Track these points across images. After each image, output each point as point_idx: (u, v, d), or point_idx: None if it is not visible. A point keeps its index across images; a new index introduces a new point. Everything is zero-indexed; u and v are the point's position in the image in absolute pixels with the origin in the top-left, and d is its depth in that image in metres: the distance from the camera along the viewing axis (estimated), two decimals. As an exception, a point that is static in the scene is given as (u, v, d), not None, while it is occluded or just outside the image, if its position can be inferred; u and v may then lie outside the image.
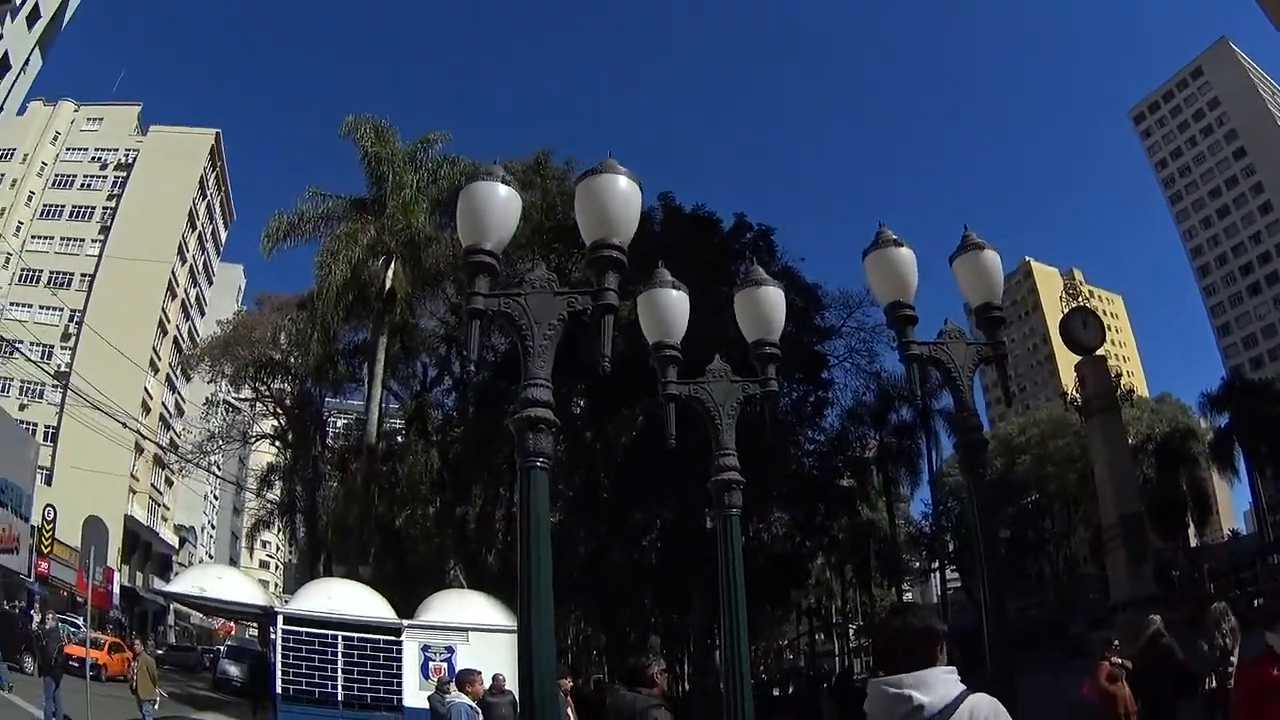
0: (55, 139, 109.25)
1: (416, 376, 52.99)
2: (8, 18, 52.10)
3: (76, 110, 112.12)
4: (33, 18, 56.97)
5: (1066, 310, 34.44)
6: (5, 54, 54.67)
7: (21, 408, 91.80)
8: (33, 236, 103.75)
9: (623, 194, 7.38)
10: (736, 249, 40.99)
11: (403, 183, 40.58)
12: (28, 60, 58.82)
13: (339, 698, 22.60)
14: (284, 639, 23.28)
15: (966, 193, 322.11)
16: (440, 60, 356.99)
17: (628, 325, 12.51)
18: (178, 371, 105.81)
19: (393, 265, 40.18)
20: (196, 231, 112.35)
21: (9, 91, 57.49)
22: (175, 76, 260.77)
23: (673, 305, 9.46)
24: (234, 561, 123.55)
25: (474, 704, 14.13)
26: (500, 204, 7.24)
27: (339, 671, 22.81)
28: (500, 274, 7.27)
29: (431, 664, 22.77)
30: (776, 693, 47.04)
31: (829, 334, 43.70)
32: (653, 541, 42.55)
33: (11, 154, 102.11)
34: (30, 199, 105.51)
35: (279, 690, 22.73)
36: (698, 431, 9.87)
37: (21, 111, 78.55)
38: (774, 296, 9.91)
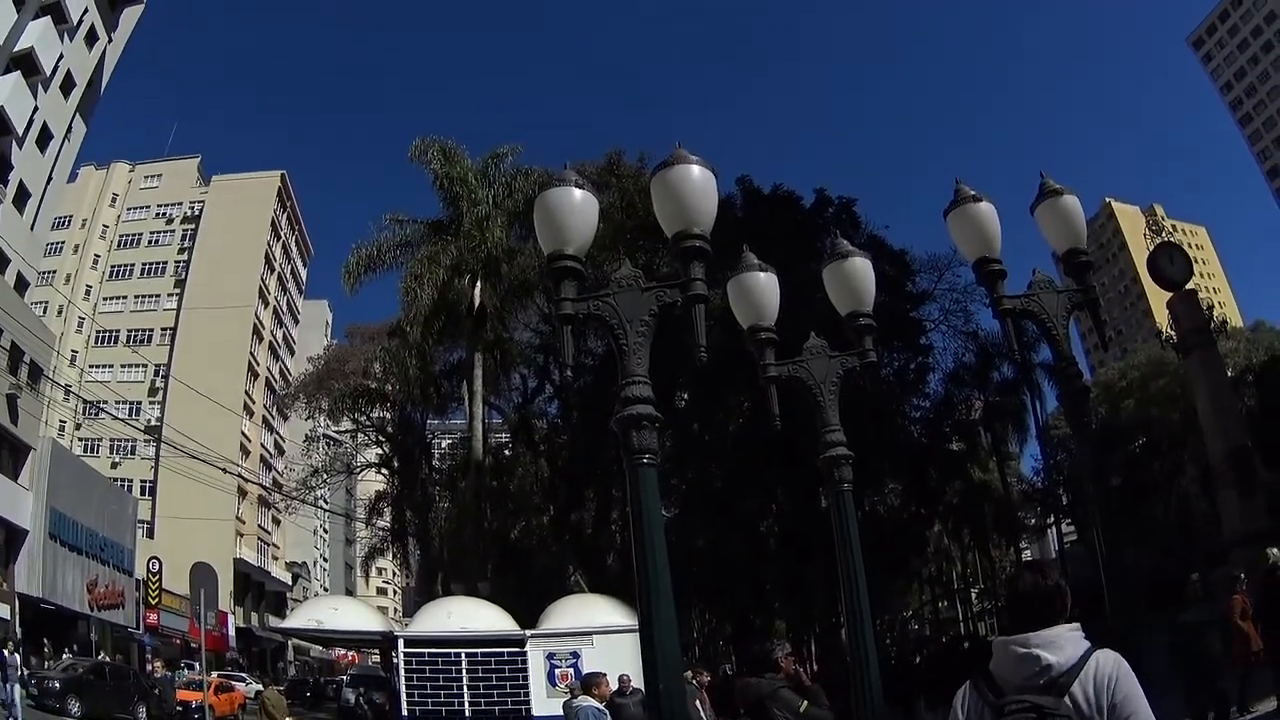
0: (114, 201, 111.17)
1: (516, 389, 52.92)
2: (39, 88, 53.47)
3: (132, 170, 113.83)
4: (67, 86, 58.52)
5: (1151, 247, 34.21)
6: (45, 124, 55.96)
7: (114, 465, 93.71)
8: (104, 298, 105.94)
9: (698, 183, 7.40)
10: (820, 224, 40.77)
11: (477, 200, 40.68)
12: (70, 128, 60.09)
13: (466, 714, 22.93)
14: (406, 661, 23.65)
15: (1034, 141, 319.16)
16: (495, 73, 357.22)
17: (721, 313, 12.41)
18: (273, 412, 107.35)
19: (478, 283, 40.51)
20: (275, 273, 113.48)
21: (55, 161, 58.54)
22: (228, 125, 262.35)
23: (763, 288, 9.57)
24: (350, 591, 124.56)
25: (600, 706, 14.32)
26: (577, 208, 7.33)
27: (465, 688, 23.10)
28: (587, 277, 7.38)
29: (558, 670, 22.93)
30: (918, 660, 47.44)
31: (922, 299, 43.47)
32: (769, 526, 42.53)
33: (69, 220, 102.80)
34: (96, 262, 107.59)
35: (405, 713, 23.14)
36: (804, 411, 9.91)
37: (72, 178, 79.10)
38: (862, 267, 9.91)
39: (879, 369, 12.67)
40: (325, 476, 67.00)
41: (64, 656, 43.03)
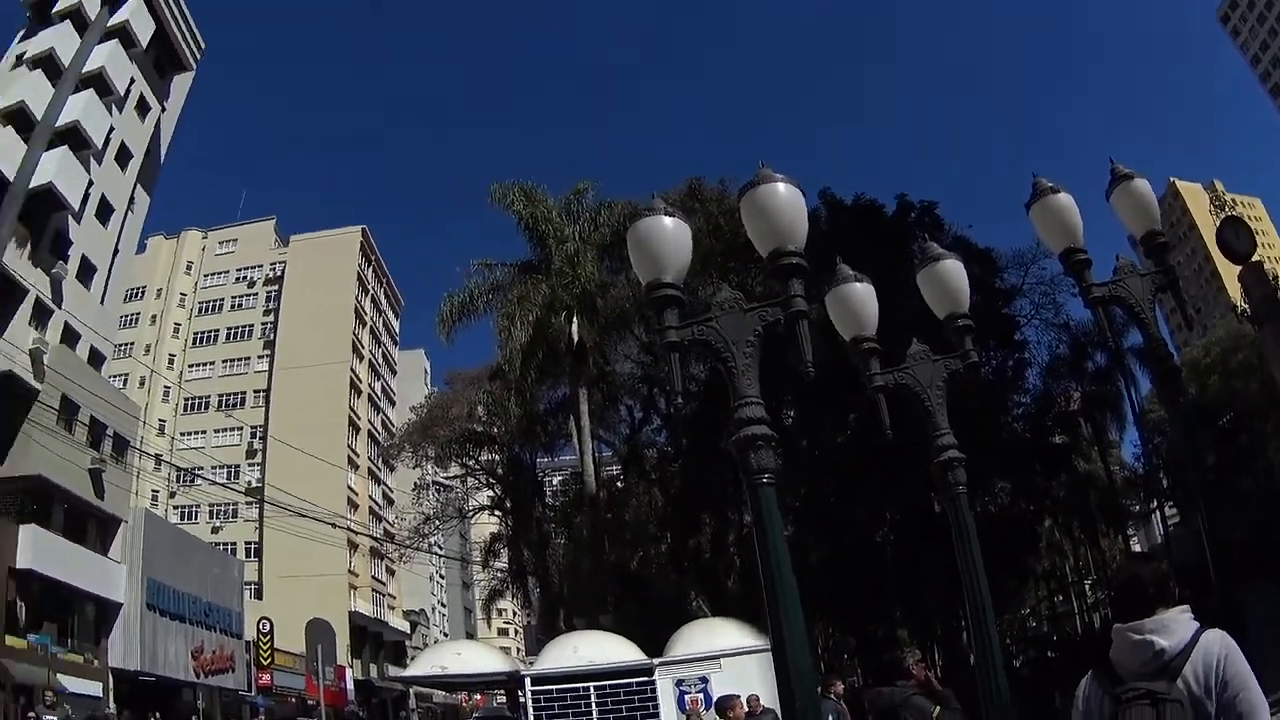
0: (189, 268, 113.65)
1: (624, 420, 53.27)
2: (92, 161, 54.27)
3: (205, 237, 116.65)
4: (123, 158, 59.47)
5: (1218, 222, 33.82)
6: (103, 197, 56.87)
7: (215, 530, 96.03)
8: (189, 365, 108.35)
9: (786, 200, 7.56)
10: (904, 230, 40.42)
11: (564, 237, 41.05)
12: (132, 199, 61.06)
13: None
14: (534, 699, 23.45)
15: (1080, 131, 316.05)
16: (557, 110, 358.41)
17: (819, 327, 11.79)
18: (379, 463, 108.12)
19: (574, 319, 40.57)
20: (367, 326, 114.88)
21: (119, 233, 59.56)
22: (295, 184, 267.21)
23: (861, 298, 9.71)
24: (470, 634, 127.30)
25: None
26: (670, 235, 7.52)
27: None
28: (685, 304, 7.49)
29: (687, 696, 22.69)
30: (1052, 655, 46.42)
31: (1012, 295, 43.50)
32: (884, 535, 42.54)
33: (142, 292, 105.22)
34: (177, 330, 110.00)
35: None
36: (910, 418, 10.20)
37: (141, 249, 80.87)
38: (954, 268, 10.16)
39: (979, 369, 12.49)
40: (437, 523, 67.42)
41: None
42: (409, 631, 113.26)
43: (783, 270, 7.39)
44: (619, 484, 55.29)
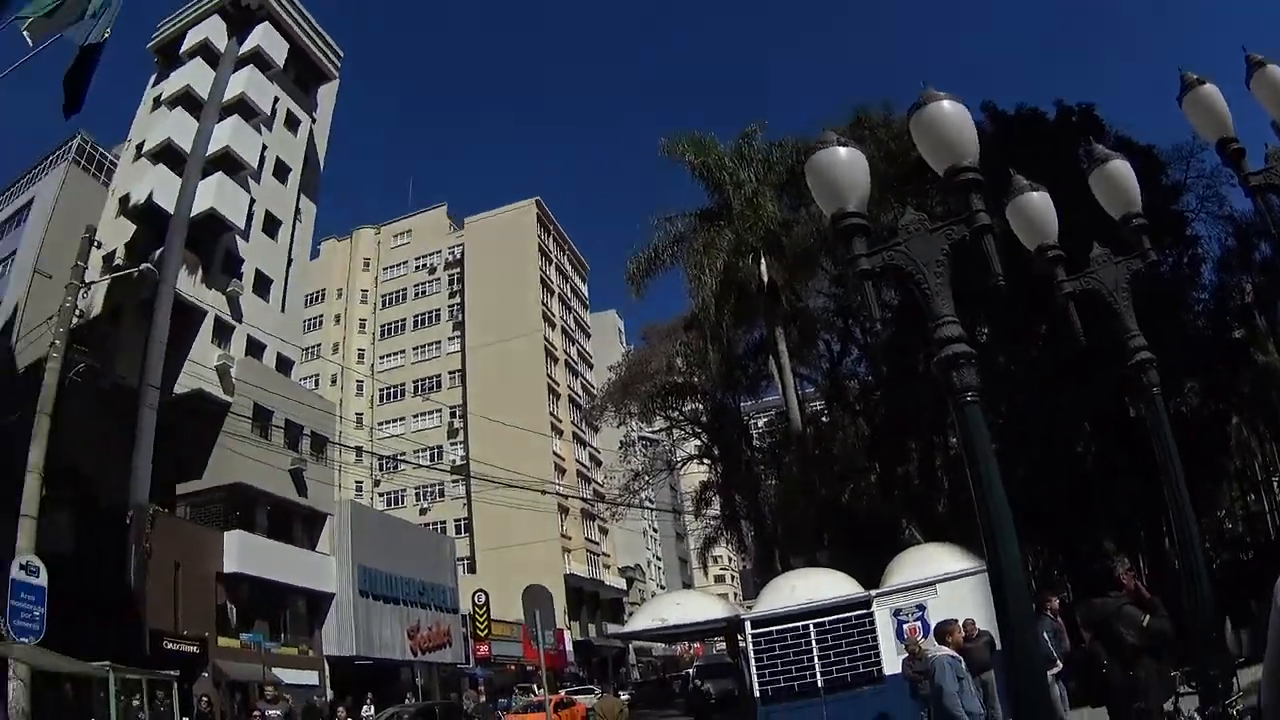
0: (367, 265, 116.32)
1: (822, 355, 52.53)
2: (249, 181, 55.83)
3: (378, 233, 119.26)
4: (281, 172, 60.91)
5: None
6: (267, 213, 58.48)
7: (422, 512, 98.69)
8: (380, 357, 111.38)
9: (952, 117, 7.49)
10: (1066, 135, 39.00)
11: (739, 180, 40.86)
12: (298, 210, 62.57)
13: (819, 685, 22.74)
14: (755, 642, 23.69)
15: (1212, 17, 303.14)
16: (712, 56, 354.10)
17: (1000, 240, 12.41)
18: (582, 426, 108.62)
19: (762, 260, 40.34)
20: (555, 294, 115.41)
21: (290, 243, 61.14)
22: (462, 169, 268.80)
23: (1040, 207, 9.58)
24: (687, 585, 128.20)
25: (955, 654, 13.92)
26: (847, 164, 7.49)
27: (815, 659, 22.98)
28: (871, 231, 7.48)
29: (905, 625, 22.58)
30: (1245, 556, 44.82)
31: (1177, 191, 41.66)
32: (1085, 445, 41.50)
33: (322, 294, 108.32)
34: (363, 325, 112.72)
35: (757, 694, 23.19)
36: (1098, 325, 10.05)
37: (315, 255, 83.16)
38: (1123, 169, 10.14)
39: (1158, 267, 12.18)
40: (646, 478, 67.13)
41: (365, 709, 45.18)
42: (625, 588, 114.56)
43: (961, 186, 7.36)
44: (824, 419, 55.01)
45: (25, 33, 20.76)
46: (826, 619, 23.32)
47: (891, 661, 22.01)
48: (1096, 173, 10.11)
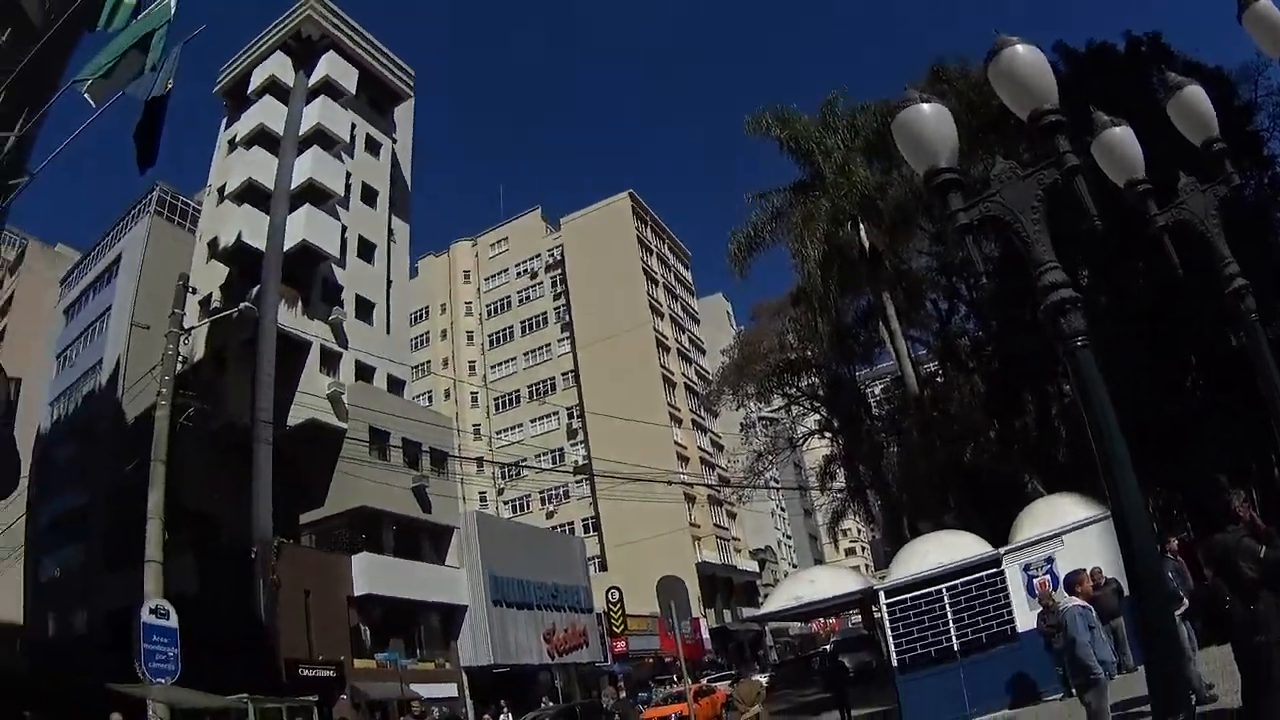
0: (467, 277, 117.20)
1: (930, 315, 52.45)
2: (338, 209, 56.48)
3: (474, 244, 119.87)
4: (369, 196, 61.34)
5: None
6: (360, 238, 58.98)
7: (549, 515, 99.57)
8: (491, 367, 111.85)
9: (1029, 61, 7.46)
10: (1137, 66, 38.38)
11: (828, 149, 41.04)
12: (391, 231, 63.01)
13: (955, 648, 22.60)
14: (890, 611, 23.53)
15: None
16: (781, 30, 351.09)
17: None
18: (701, 413, 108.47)
19: (860, 226, 40.67)
20: (660, 284, 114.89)
21: (387, 265, 61.64)
22: (550, 170, 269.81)
23: (1124, 141, 9.46)
24: (818, 560, 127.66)
25: (1085, 604, 13.78)
26: (933, 120, 7.49)
27: (950, 623, 22.83)
28: (965, 184, 7.44)
29: (1035, 580, 22.32)
30: None
31: (1250, 111, 40.06)
32: (1194, 380, 40.85)
33: (425, 312, 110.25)
34: (471, 338, 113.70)
35: (895, 663, 23.10)
36: (1187, 256, 10.00)
37: (414, 274, 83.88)
38: (1198, 94, 10.02)
39: (1241, 191, 12.08)
40: (770, 458, 66.99)
41: (502, 717, 46.14)
42: (758, 570, 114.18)
43: (1046, 129, 7.32)
44: (938, 379, 54.50)
45: (86, 95, 21.10)
46: (958, 581, 23.11)
47: (1024, 619, 21.82)
48: (1173, 101, 9.96)
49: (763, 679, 39.98)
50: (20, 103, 23.13)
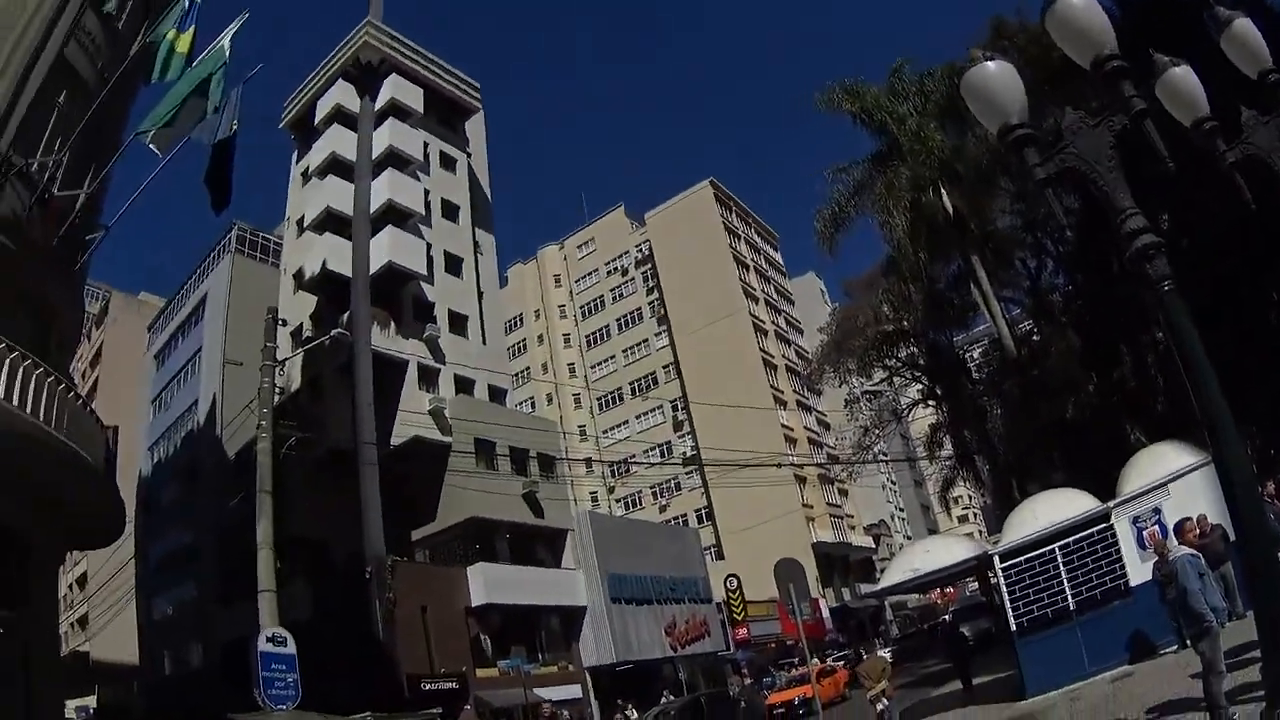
0: (558, 281, 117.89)
1: (1020, 274, 52.56)
2: (420, 226, 56.92)
3: (561, 248, 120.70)
4: (450, 212, 61.87)
5: None
6: (446, 254, 59.50)
7: (661, 509, 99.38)
8: (590, 367, 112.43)
9: (1084, 8, 7.63)
10: (1188, 3, 38.41)
11: (900, 116, 41.37)
12: (476, 244, 63.40)
13: (1071, 608, 22.38)
14: (1005, 576, 23.39)
15: None
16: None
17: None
18: (805, 393, 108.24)
19: (942, 191, 40.75)
20: (750, 269, 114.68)
21: (476, 278, 62.11)
22: (631, 169, 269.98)
23: (1186, 81, 9.40)
24: (931, 530, 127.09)
25: (1194, 552, 13.48)
26: (1000, 79, 7.73)
27: (1064, 582, 22.62)
28: (1039, 139, 7.66)
29: (1144, 532, 21.98)
30: None
31: None
32: (1277, 317, 40.09)
33: (520, 319, 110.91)
34: (567, 340, 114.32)
35: (1014, 627, 22.92)
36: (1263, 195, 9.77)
37: (504, 284, 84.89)
38: (1248, 26, 9.83)
39: None
40: (876, 432, 66.90)
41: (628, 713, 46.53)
42: (873, 545, 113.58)
43: (1109, 75, 7.51)
44: (1034, 338, 53.68)
45: (151, 146, 21.41)
46: (1070, 540, 22.89)
47: (1137, 572, 21.65)
48: (1226, 35, 9.79)
49: (887, 654, 39.81)
50: (86, 160, 23.47)
